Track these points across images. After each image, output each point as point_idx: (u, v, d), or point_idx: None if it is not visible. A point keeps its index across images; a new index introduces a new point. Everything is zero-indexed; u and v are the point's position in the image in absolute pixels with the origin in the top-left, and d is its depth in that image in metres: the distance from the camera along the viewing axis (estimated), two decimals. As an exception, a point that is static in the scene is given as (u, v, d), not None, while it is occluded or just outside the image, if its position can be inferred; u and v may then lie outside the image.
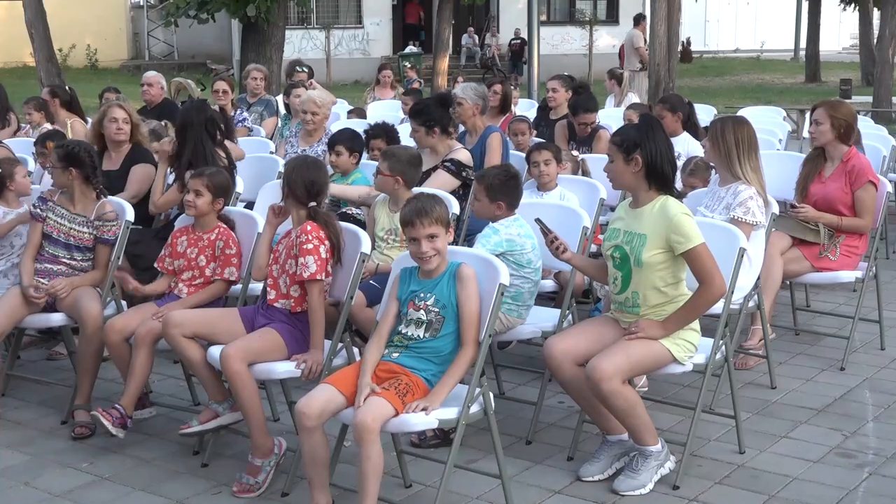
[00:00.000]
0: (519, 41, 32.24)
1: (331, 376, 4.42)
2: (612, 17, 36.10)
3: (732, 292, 4.95)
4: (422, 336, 4.34)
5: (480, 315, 4.33)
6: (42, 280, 5.58)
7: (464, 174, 6.69)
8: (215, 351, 4.71)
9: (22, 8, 20.14)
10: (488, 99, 7.76)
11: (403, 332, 4.38)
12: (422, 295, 4.37)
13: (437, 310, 4.33)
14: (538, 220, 4.94)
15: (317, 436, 4.21)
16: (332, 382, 4.27)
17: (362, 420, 3.99)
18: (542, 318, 5.36)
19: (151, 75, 10.41)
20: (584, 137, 8.24)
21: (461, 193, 6.59)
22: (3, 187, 6.13)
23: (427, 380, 4.27)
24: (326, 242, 4.80)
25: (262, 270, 5.04)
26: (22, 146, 8.04)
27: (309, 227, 4.78)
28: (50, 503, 4.63)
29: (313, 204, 4.86)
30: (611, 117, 10.35)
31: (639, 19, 19.71)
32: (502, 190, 5.30)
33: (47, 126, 8.87)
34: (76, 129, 9.05)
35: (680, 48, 22.45)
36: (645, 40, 18.72)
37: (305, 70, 12.08)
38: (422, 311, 4.34)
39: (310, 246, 4.74)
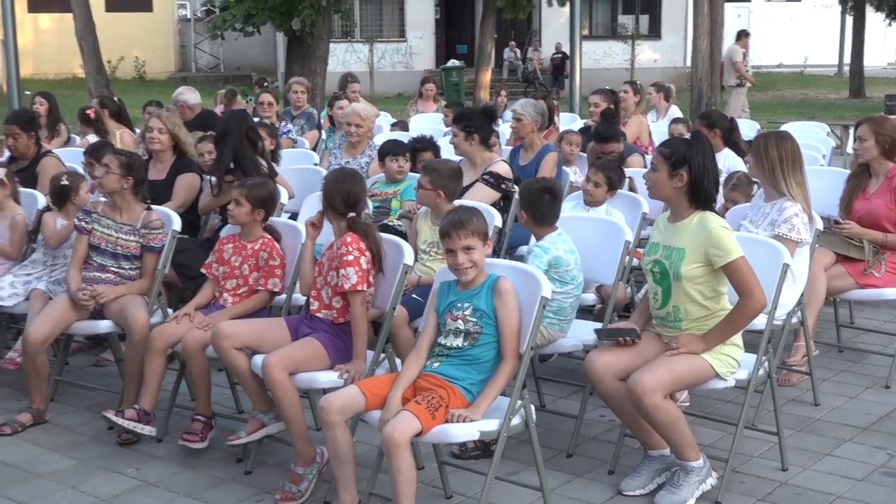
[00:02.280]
0: (560, 55, 32.23)
1: (363, 380, 4.50)
2: (655, 32, 35.99)
3: (776, 308, 4.91)
4: (461, 345, 4.35)
5: (521, 328, 4.33)
6: (91, 289, 5.63)
7: (503, 186, 6.70)
8: (259, 360, 4.75)
9: (72, 20, 20.45)
10: (546, 116, 7.76)
11: (443, 342, 4.40)
12: (459, 305, 4.38)
13: (474, 319, 4.33)
14: (601, 338, 4.88)
15: (338, 431, 4.25)
16: (359, 384, 4.36)
17: (390, 434, 4.01)
18: (584, 332, 5.33)
19: (183, 94, 10.41)
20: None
21: (501, 206, 6.60)
22: (66, 200, 6.23)
23: (466, 389, 4.27)
24: (367, 253, 4.82)
25: (309, 286, 5.06)
26: (71, 156, 8.14)
27: (349, 239, 4.81)
28: (96, 508, 4.70)
29: (352, 215, 4.89)
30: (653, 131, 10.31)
31: (740, 35, 19.34)
32: (531, 201, 5.31)
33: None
34: (125, 139, 9.16)
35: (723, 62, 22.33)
36: (744, 55, 18.39)
37: (359, 82, 12.17)
38: (459, 321, 4.35)
39: (350, 257, 4.76)
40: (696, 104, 20.37)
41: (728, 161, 7.79)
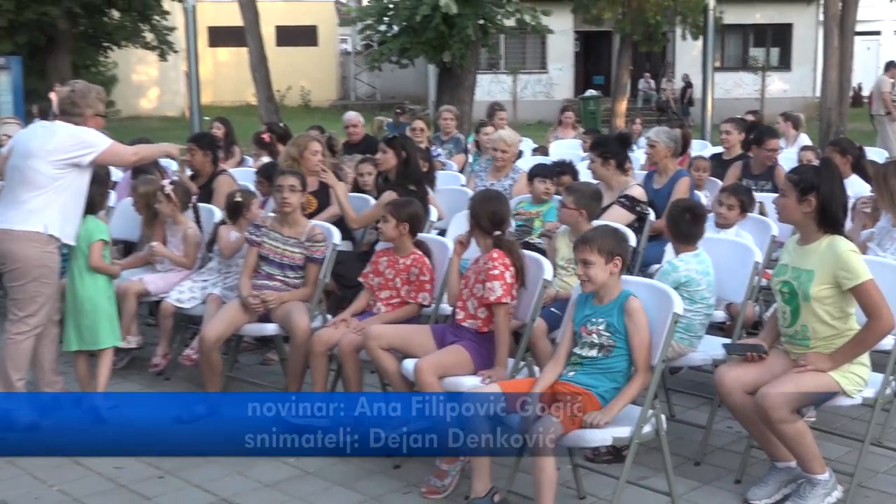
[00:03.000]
0: (683, 85, 31.70)
1: (504, 381, 4.50)
2: (785, 64, 35.01)
3: (904, 329, 4.70)
4: (595, 356, 4.33)
5: (651, 342, 4.28)
6: (259, 295, 5.78)
7: (638, 209, 6.62)
8: (409, 364, 4.80)
9: (247, 54, 21.12)
10: (679, 143, 7.66)
11: (578, 352, 4.38)
12: (594, 320, 4.36)
13: (608, 334, 4.31)
14: (730, 352, 4.79)
15: None
16: (503, 384, 4.38)
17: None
18: (713, 347, 5.20)
19: (352, 117, 10.68)
20: (763, 172, 7.99)
21: (636, 227, 6.52)
22: (239, 215, 6.42)
23: (601, 395, 4.25)
24: (511, 268, 4.83)
25: (455, 297, 5.09)
26: (244, 176, 8.37)
27: (495, 255, 4.83)
28: (260, 492, 4.80)
29: (498, 233, 4.90)
30: (782, 158, 10.01)
31: (889, 66, 18.59)
32: (674, 219, 5.31)
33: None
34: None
35: (851, 93, 21.54)
36: (893, 86, 17.70)
37: (505, 110, 12.19)
38: (594, 335, 4.33)
39: (496, 272, 4.78)
40: (825, 133, 19.75)
41: (854, 187, 7.51)
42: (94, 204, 5.95)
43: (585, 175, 7.61)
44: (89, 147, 5.45)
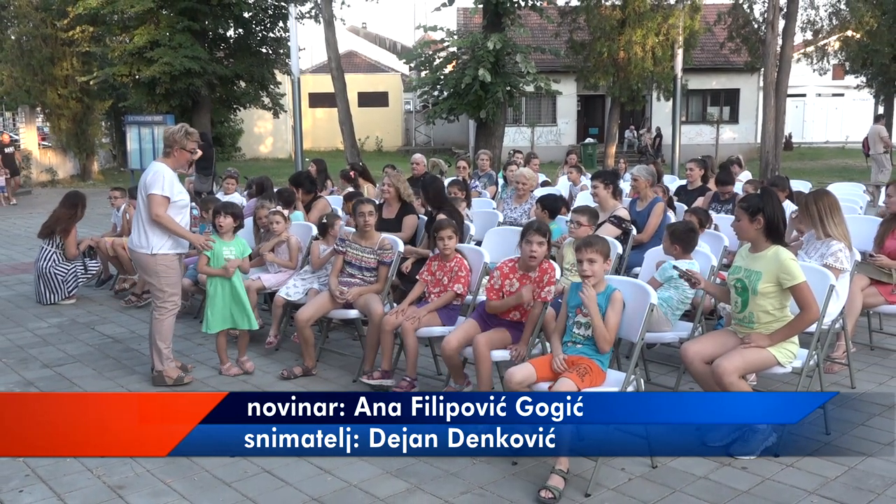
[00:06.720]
0: (655, 135, 31.31)
1: (533, 359, 4.42)
2: (734, 118, 34.46)
3: (824, 316, 4.62)
4: (587, 334, 4.27)
5: (632, 324, 4.23)
6: (343, 289, 5.81)
7: (623, 226, 6.56)
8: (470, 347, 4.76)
9: (336, 112, 21.27)
10: (655, 176, 7.60)
11: (575, 332, 4.32)
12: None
13: None
14: (675, 268, 4.77)
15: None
16: (532, 363, 4.29)
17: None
18: (681, 328, 5.15)
19: (417, 157, 10.69)
20: (726, 199, 7.89)
21: (622, 239, 6.45)
22: (326, 232, 6.45)
23: (601, 361, 4.21)
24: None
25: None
26: (334, 202, 8.41)
27: (546, 266, 4.78)
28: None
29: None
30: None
31: (879, 118, 18.19)
32: (680, 237, 5.31)
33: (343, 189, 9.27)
34: (369, 190, 9.43)
35: (784, 140, 21.19)
36: (888, 133, 17.18)
37: (522, 152, 12.15)
38: (583, 316, 4.29)
39: (548, 278, 4.77)
40: (764, 170, 19.48)
41: (788, 208, 7.39)
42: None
43: (580, 201, 7.53)
44: (148, 187, 5.35)
